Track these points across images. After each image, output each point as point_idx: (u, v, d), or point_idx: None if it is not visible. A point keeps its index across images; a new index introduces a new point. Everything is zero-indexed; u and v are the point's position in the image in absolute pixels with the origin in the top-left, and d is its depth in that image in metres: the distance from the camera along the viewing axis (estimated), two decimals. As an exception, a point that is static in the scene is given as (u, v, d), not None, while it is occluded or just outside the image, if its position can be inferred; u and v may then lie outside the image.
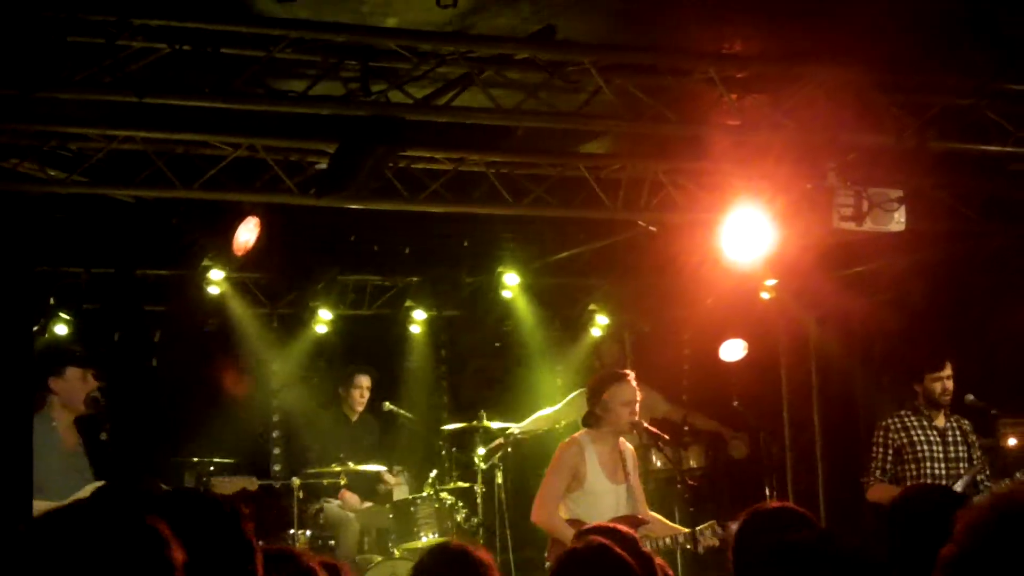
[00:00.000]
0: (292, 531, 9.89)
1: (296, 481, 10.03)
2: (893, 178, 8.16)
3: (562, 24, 6.56)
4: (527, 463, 10.91)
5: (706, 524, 7.13)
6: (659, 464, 10.53)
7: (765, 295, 11.31)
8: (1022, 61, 6.92)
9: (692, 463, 11.21)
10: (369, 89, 6.76)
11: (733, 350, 11.44)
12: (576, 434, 7.57)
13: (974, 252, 10.28)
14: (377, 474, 10.65)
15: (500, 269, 10.95)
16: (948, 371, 8.34)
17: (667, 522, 7.69)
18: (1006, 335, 10.38)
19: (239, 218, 8.67)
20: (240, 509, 3.01)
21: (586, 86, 6.93)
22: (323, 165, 7.78)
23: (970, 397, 8.51)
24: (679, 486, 10.49)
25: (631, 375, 7.43)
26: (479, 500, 10.35)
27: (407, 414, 11.31)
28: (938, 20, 6.47)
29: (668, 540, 7.34)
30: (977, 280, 10.51)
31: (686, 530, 7.30)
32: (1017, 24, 6.42)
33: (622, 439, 7.57)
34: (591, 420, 7.41)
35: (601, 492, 7.33)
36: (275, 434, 12.19)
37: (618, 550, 4.07)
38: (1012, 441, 10.05)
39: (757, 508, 4.09)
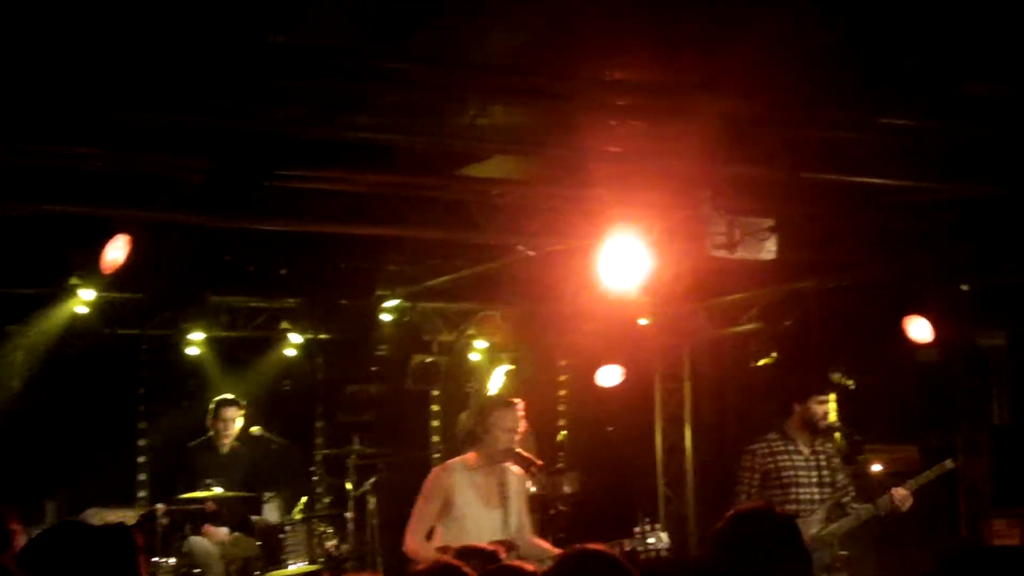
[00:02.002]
0: (156, 559, 9.65)
1: (161, 508, 9.80)
2: (765, 207, 8.30)
3: (447, 47, 6.54)
4: (400, 489, 10.81)
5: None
6: (533, 490, 10.52)
7: (642, 321, 11.43)
8: (900, 96, 7.09)
9: (566, 489, 11.24)
10: (249, 106, 6.65)
11: (610, 376, 11.54)
12: (449, 461, 7.52)
13: (843, 283, 10.52)
14: (246, 502, 10.46)
15: (378, 292, 10.88)
16: (831, 397, 8.47)
17: (549, 547, 7.66)
18: (872, 363, 10.63)
19: (109, 235, 8.46)
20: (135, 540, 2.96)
21: (469, 108, 6.91)
22: (199, 182, 7.63)
23: (836, 422, 8.65)
24: (552, 512, 10.54)
25: (519, 404, 7.42)
26: (350, 527, 10.22)
27: (278, 439, 11.14)
28: (818, 55, 6.58)
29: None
30: (847, 309, 10.74)
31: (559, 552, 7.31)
32: (897, 60, 6.57)
33: (508, 464, 7.54)
34: (471, 440, 7.37)
35: (473, 517, 7.28)
36: (141, 460, 11.92)
37: (467, 570, 4.08)
38: (876, 467, 10.27)
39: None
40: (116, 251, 8.48)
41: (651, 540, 7.10)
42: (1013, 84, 6.91)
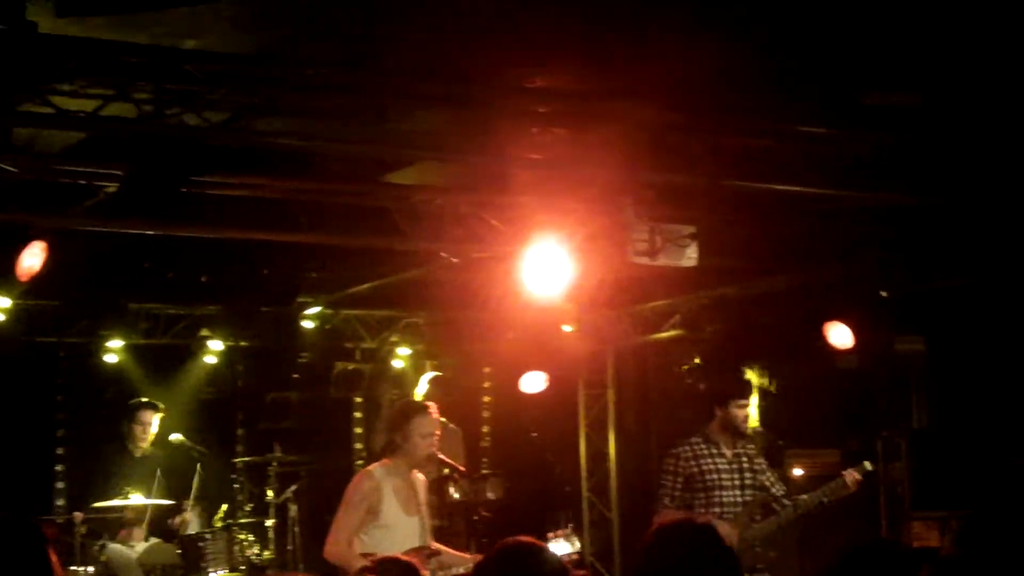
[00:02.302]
0: (74, 568, 9.51)
1: (79, 516, 9.66)
2: (687, 214, 8.35)
3: (367, 52, 6.51)
4: (322, 496, 10.74)
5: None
6: (456, 496, 10.49)
7: (566, 328, 11.46)
8: (815, 105, 7.16)
9: (490, 495, 11.22)
10: (163, 112, 6.58)
11: (534, 382, 11.55)
12: (370, 466, 7.45)
13: (764, 289, 10.61)
14: (165, 509, 10.33)
15: (300, 299, 10.80)
16: (751, 401, 8.52)
17: (457, 553, 7.63)
18: (793, 369, 10.73)
19: (25, 242, 8.32)
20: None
21: (390, 115, 6.88)
22: (114, 189, 7.52)
23: (757, 427, 8.70)
24: (475, 518, 10.51)
25: (433, 407, 7.37)
26: (271, 535, 10.14)
27: (198, 447, 11.01)
28: (738, 65, 6.63)
29: (460, 570, 7.30)
30: (768, 316, 10.84)
31: (473, 556, 7.29)
32: (813, 71, 6.64)
33: (414, 470, 7.50)
34: (390, 449, 7.31)
35: (396, 525, 7.23)
36: (58, 468, 11.74)
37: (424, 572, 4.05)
38: (798, 471, 10.37)
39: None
40: (32, 258, 8.33)
41: (564, 545, 7.10)
42: (926, 94, 7.00)
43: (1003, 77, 6.81)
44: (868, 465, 8.35)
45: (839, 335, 10.14)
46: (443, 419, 7.57)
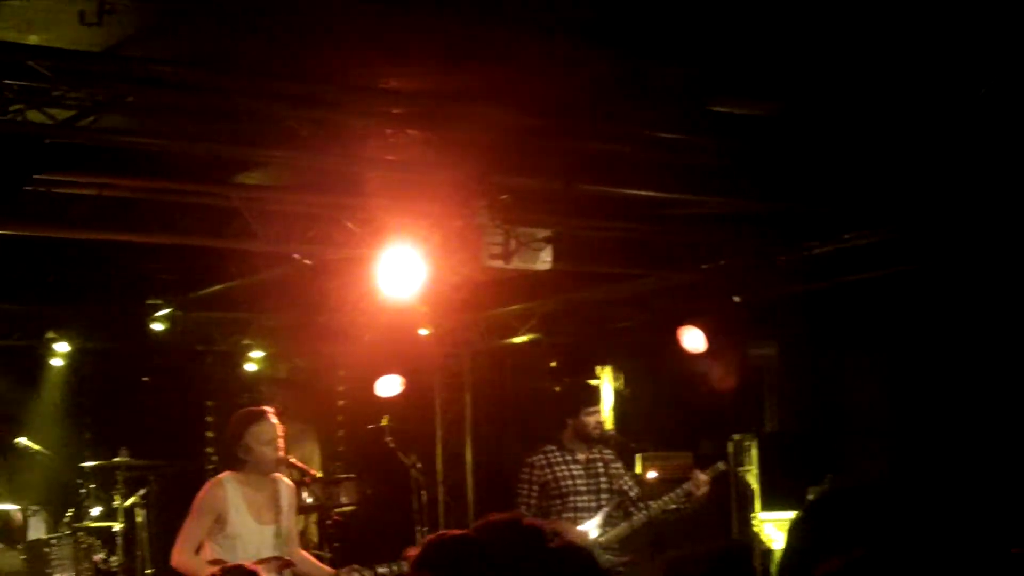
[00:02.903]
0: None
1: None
2: (541, 218, 8.38)
3: (216, 49, 6.40)
4: (172, 501, 10.55)
5: (347, 568, 7.04)
6: (309, 500, 10.40)
7: (422, 332, 11.44)
8: (668, 112, 7.24)
9: (343, 499, 11.14)
10: (6, 109, 6.38)
11: (389, 386, 11.49)
12: (221, 475, 7.32)
13: (619, 293, 10.72)
14: (7, 514, 10.06)
15: (149, 301, 10.59)
16: (601, 406, 8.60)
17: (318, 563, 7.53)
18: (647, 374, 10.86)
19: None
20: None
21: (240, 114, 6.77)
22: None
23: (612, 431, 8.79)
24: (329, 522, 10.44)
25: (270, 411, 7.25)
26: (120, 540, 9.93)
27: (43, 450, 10.74)
28: (593, 69, 6.68)
29: None
30: (621, 320, 10.96)
31: (332, 570, 7.20)
32: (666, 77, 6.71)
33: (279, 475, 7.38)
34: (235, 464, 7.16)
35: (245, 535, 7.10)
36: None
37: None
38: (652, 474, 10.48)
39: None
40: None
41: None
42: (778, 103, 7.14)
43: (855, 86, 6.97)
44: (721, 466, 8.49)
45: (693, 339, 10.29)
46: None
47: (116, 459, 10.14)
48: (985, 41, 6.27)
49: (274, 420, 7.12)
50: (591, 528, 7.96)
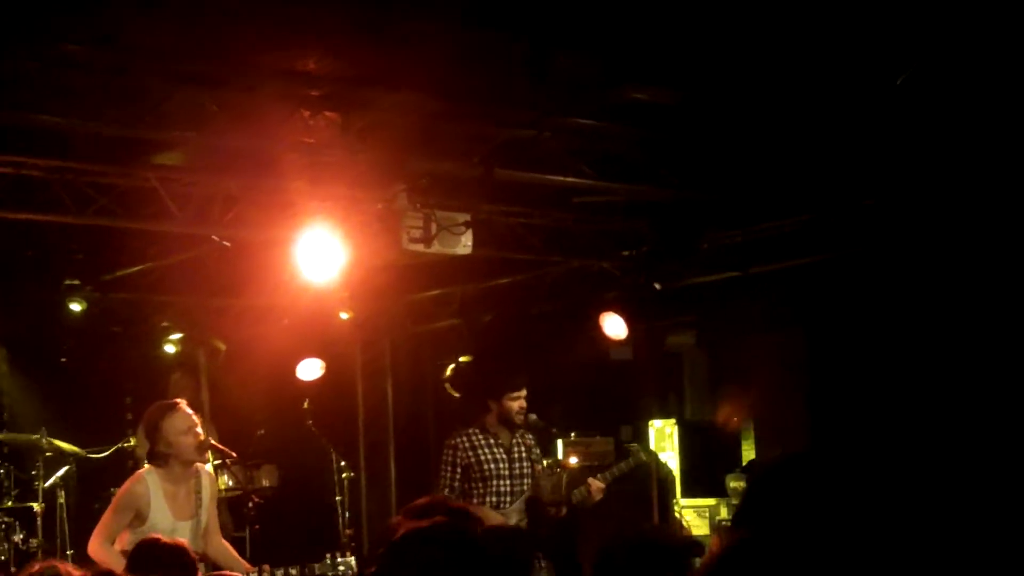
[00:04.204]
0: None
1: None
2: (461, 203, 8.41)
3: (127, 30, 6.34)
4: (92, 483, 10.46)
5: (257, 569, 7.05)
6: (230, 483, 10.35)
7: (343, 315, 11.41)
8: (579, 98, 7.30)
9: (264, 482, 11.11)
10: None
11: (310, 369, 11.46)
12: (143, 469, 7.29)
13: (536, 279, 10.77)
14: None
15: (66, 282, 10.47)
16: (525, 391, 8.62)
17: (236, 555, 7.51)
18: (564, 359, 10.92)
19: None
20: None
21: (152, 95, 6.73)
22: None
23: (533, 417, 8.83)
24: (249, 505, 10.40)
25: (182, 402, 7.24)
26: (39, 521, 9.82)
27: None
28: (503, 55, 6.71)
29: None
30: (542, 306, 11.00)
31: (248, 566, 7.20)
32: (572, 64, 6.76)
33: (199, 465, 7.35)
34: (157, 459, 7.14)
35: (164, 530, 7.06)
36: None
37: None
38: (572, 460, 10.55)
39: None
40: None
41: (341, 568, 7.07)
42: (686, 91, 7.22)
43: (764, 76, 7.05)
44: (642, 455, 8.57)
45: (613, 326, 10.36)
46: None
47: (35, 438, 9.99)
48: (898, 27, 6.36)
49: (187, 410, 7.12)
50: (511, 514, 8.00)
